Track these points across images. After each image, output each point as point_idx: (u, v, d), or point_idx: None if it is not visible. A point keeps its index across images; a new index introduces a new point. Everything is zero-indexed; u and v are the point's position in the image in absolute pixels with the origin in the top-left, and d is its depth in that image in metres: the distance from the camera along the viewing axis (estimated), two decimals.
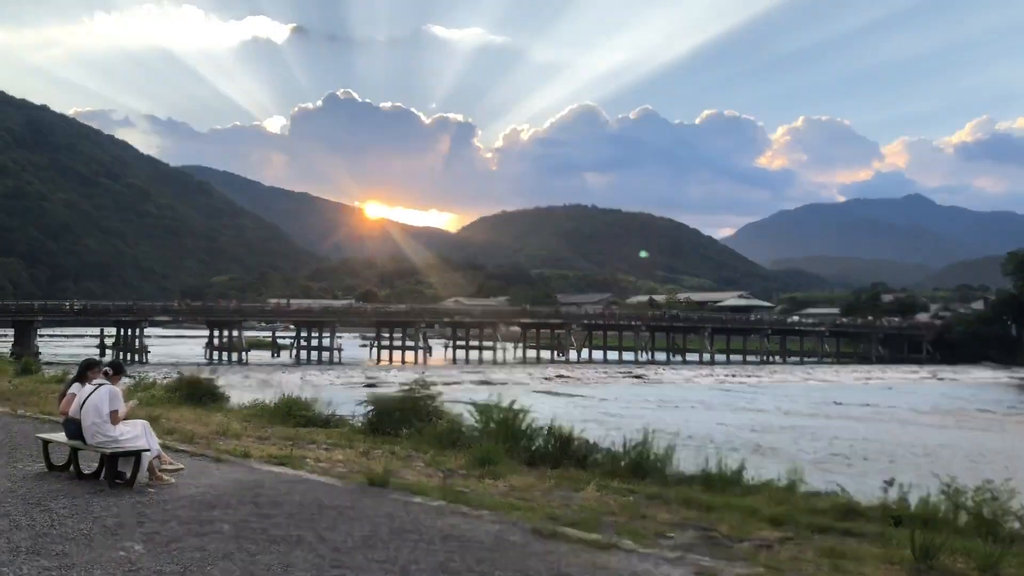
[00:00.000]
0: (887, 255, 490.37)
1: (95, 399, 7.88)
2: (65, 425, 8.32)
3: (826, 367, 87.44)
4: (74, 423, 8.01)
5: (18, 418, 12.69)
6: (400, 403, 16.00)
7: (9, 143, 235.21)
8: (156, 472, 7.73)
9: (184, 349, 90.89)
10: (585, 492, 10.19)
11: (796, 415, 47.45)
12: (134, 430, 7.96)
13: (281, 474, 8.74)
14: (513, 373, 69.33)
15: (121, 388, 8.28)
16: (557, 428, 13.54)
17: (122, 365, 8.30)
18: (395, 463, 11.08)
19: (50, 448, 8.48)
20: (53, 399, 16.40)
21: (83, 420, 7.89)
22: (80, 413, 7.92)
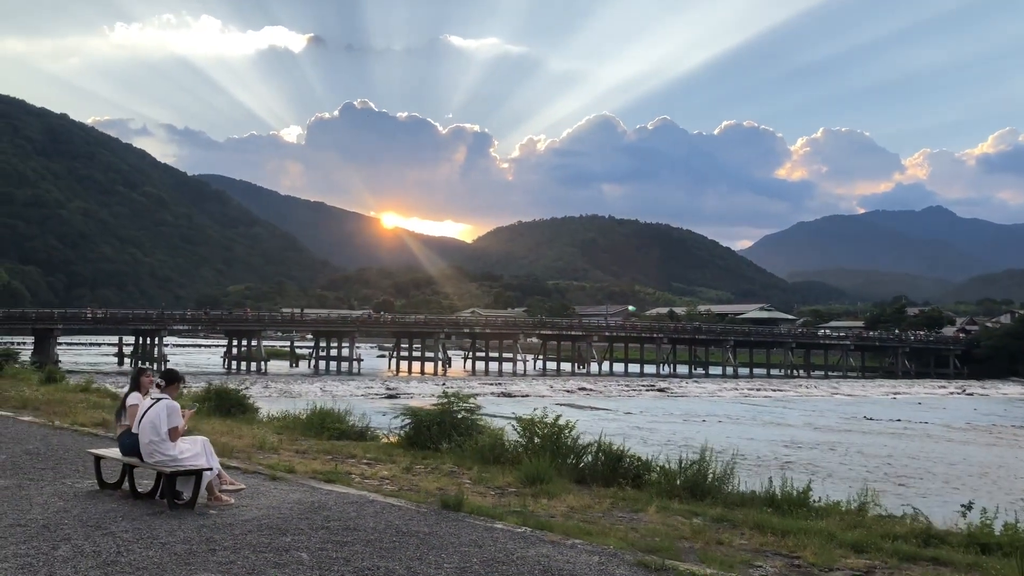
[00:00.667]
0: (907, 268, 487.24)
1: (151, 416, 7.16)
2: (120, 440, 7.58)
3: (852, 381, 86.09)
4: (130, 438, 7.30)
5: (56, 430, 12.03)
6: (438, 417, 15.28)
7: (28, 152, 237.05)
8: (215, 492, 7.00)
9: (201, 359, 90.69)
10: (647, 514, 9.49)
11: (827, 430, 46.33)
12: (194, 447, 7.24)
13: (344, 494, 8.00)
14: (533, 385, 68.49)
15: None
16: (606, 444, 12.79)
17: (177, 373, 7.58)
18: (442, 480, 10.38)
19: (101, 463, 7.75)
20: (83, 409, 15.83)
21: (140, 437, 7.19)
22: (139, 428, 7.22)
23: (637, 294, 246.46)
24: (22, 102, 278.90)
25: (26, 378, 25.93)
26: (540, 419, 13.57)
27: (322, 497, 7.80)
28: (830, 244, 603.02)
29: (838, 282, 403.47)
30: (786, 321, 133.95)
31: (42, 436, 11.28)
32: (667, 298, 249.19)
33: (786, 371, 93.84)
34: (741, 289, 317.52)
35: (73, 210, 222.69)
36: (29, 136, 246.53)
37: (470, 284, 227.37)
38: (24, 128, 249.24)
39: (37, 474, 8.35)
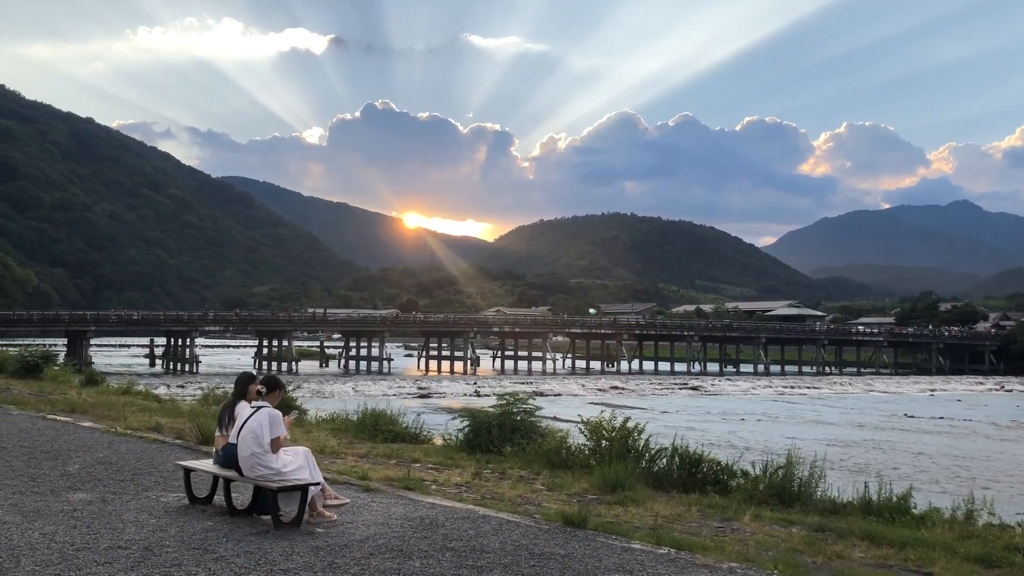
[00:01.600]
0: (933, 263, 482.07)
1: (253, 425, 6.58)
2: (216, 452, 7.07)
3: (886, 378, 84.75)
4: (230, 450, 6.74)
5: (118, 436, 11.56)
6: (498, 419, 14.71)
7: (56, 156, 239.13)
8: (318, 507, 6.42)
9: (231, 359, 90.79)
10: (741, 523, 8.88)
11: (870, 428, 45.46)
12: (296, 459, 6.66)
13: (451, 508, 7.42)
14: (565, 384, 67.88)
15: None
16: (683, 448, 12.17)
17: (278, 380, 6.99)
18: (518, 487, 9.83)
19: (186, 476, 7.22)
20: (134, 413, 15.40)
21: (240, 449, 6.62)
22: (238, 439, 6.67)
23: (661, 292, 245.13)
24: (49, 107, 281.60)
25: (66, 380, 25.62)
26: (608, 421, 13.00)
27: (427, 511, 7.22)
28: (854, 240, 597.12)
29: (863, 278, 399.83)
30: (815, 318, 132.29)
31: (108, 443, 10.80)
32: (691, 296, 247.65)
33: (818, 368, 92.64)
34: (765, 286, 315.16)
35: (100, 213, 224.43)
36: (56, 140, 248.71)
37: (492, 283, 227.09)
38: (51, 132, 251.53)
39: (116, 486, 7.85)
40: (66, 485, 7.84)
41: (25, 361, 27.69)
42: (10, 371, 26.76)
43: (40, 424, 12.76)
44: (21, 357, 28.74)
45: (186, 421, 14.55)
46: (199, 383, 57.64)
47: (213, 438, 12.46)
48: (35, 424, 12.71)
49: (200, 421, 13.27)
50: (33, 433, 11.57)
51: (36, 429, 12.11)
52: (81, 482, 7.98)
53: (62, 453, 9.80)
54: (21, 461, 9.14)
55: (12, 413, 14.22)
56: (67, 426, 12.64)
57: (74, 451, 9.97)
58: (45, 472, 8.49)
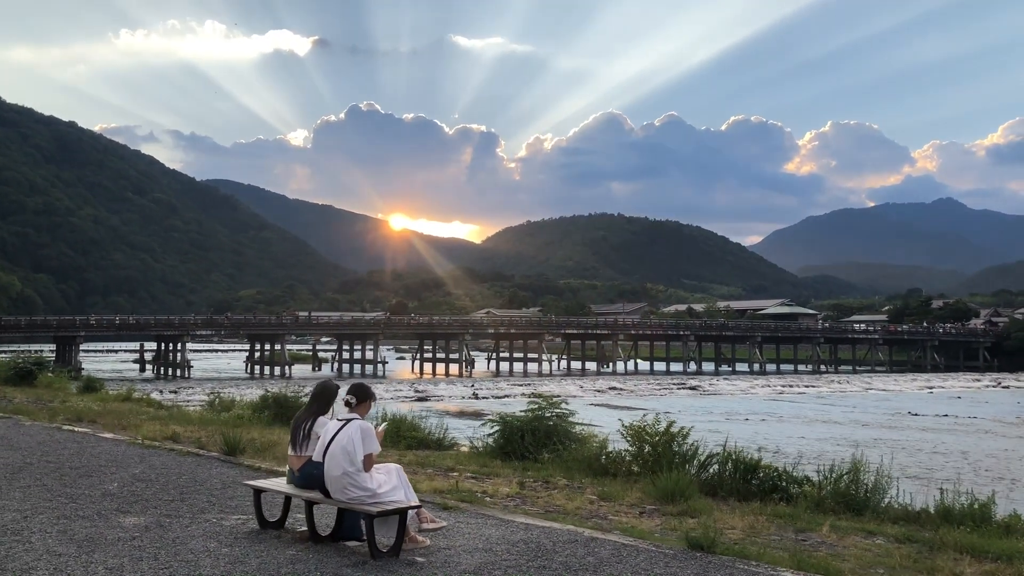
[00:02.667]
0: (918, 261, 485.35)
1: (342, 441, 5.75)
2: (299, 471, 6.22)
3: (883, 376, 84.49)
4: (310, 469, 5.92)
5: (146, 448, 10.73)
6: (531, 423, 13.98)
7: (38, 160, 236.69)
8: (410, 532, 5.62)
9: (222, 363, 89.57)
10: (819, 534, 8.19)
11: (875, 427, 44.94)
12: (390, 479, 5.86)
13: (548, 529, 6.64)
14: (563, 385, 67.13)
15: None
16: (737, 453, 11.44)
17: (369, 388, 6.16)
18: (576, 499, 9.14)
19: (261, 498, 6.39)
20: (146, 421, 14.56)
21: (328, 468, 5.80)
22: (324, 458, 5.85)
23: (649, 291, 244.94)
24: (31, 110, 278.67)
25: (62, 387, 24.75)
26: (651, 425, 12.32)
27: (524, 533, 6.45)
28: (840, 238, 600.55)
29: (849, 276, 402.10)
30: (807, 316, 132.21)
31: (138, 457, 9.97)
32: (679, 295, 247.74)
33: (814, 367, 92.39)
34: (752, 285, 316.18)
35: (84, 217, 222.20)
36: (38, 144, 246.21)
37: (481, 285, 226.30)
38: (33, 136, 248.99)
39: (168, 508, 7.04)
40: (112, 507, 7.02)
41: (18, 368, 26.80)
42: (2, 378, 25.82)
43: (58, 436, 11.90)
44: (14, 363, 27.80)
45: (197, 429, 13.76)
46: (192, 388, 56.67)
47: (239, 449, 11.71)
48: (52, 436, 11.86)
49: (225, 431, 12.50)
50: (54, 446, 10.72)
51: (55, 442, 11.26)
52: (127, 503, 7.17)
53: (94, 469, 8.97)
54: (53, 479, 8.31)
55: (25, 424, 13.33)
56: (87, 437, 11.79)
57: (105, 466, 9.14)
58: (83, 491, 7.67)
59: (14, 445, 10.82)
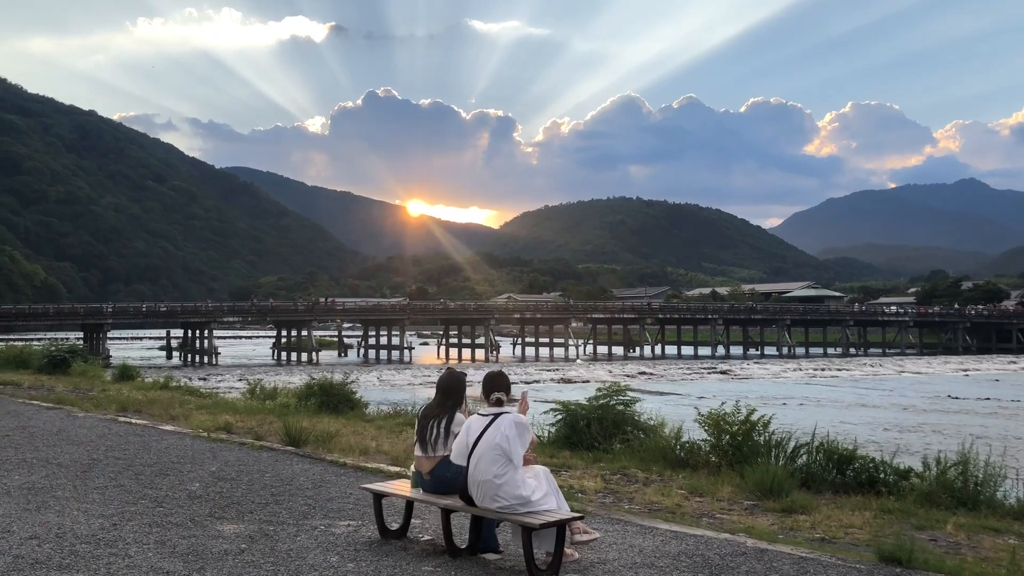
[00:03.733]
0: (940, 242, 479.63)
1: (496, 437, 5.01)
2: (417, 475, 5.57)
3: (915, 359, 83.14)
4: (445, 471, 5.34)
5: (213, 442, 10.09)
6: (597, 412, 13.26)
7: (60, 149, 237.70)
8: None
9: (247, 350, 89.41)
10: (945, 532, 7.41)
11: (918, 411, 43.87)
12: (539, 483, 5.09)
13: (702, 537, 5.93)
14: (591, 370, 66.37)
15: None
16: (830, 443, 10.65)
17: (507, 378, 5.43)
18: (672, 494, 8.44)
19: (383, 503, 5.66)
20: (193, 411, 13.94)
21: (476, 472, 5.06)
22: (468, 460, 5.13)
23: (669, 275, 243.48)
24: (51, 100, 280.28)
25: (96, 375, 24.27)
26: (731, 414, 11.60)
27: (681, 544, 5.69)
28: (861, 220, 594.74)
29: (870, 258, 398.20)
30: (833, 299, 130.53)
31: (209, 452, 9.32)
32: (700, 279, 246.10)
33: (843, 349, 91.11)
34: (772, 267, 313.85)
35: (105, 206, 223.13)
36: (59, 134, 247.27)
37: (500, 270, 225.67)
38: (54, 126, 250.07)
39: (264, 512, 6.37)
40: (204, 512, 6.35)
41: (52, 356, 26.35)
42: (36, 366, 25.44)
43: (116, 429, 11.30)
44: (47, 352, 27.37)
45: (246, 418, 13.13)
46: (221, 375, 56.34)
47: (302, 439, 11.06)
48: (111, 429, 11.25)
49: (284, 420, 11.89)
50: (117, 440, 10.11)
51: (116, 435, 10.65)
52: (219, 507, 6.51)
53: (168, 466, 8.33)
54: (128, 478, 7.67)
55: (78, 416, 12.75)
56: (148, 430, 11.18)
57: (178, 463, 8.51)
58: (165, 493, 7.02)
59: (75, 439, 10.21)
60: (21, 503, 6.61)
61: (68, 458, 8.77)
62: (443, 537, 5.23)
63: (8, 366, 26.15)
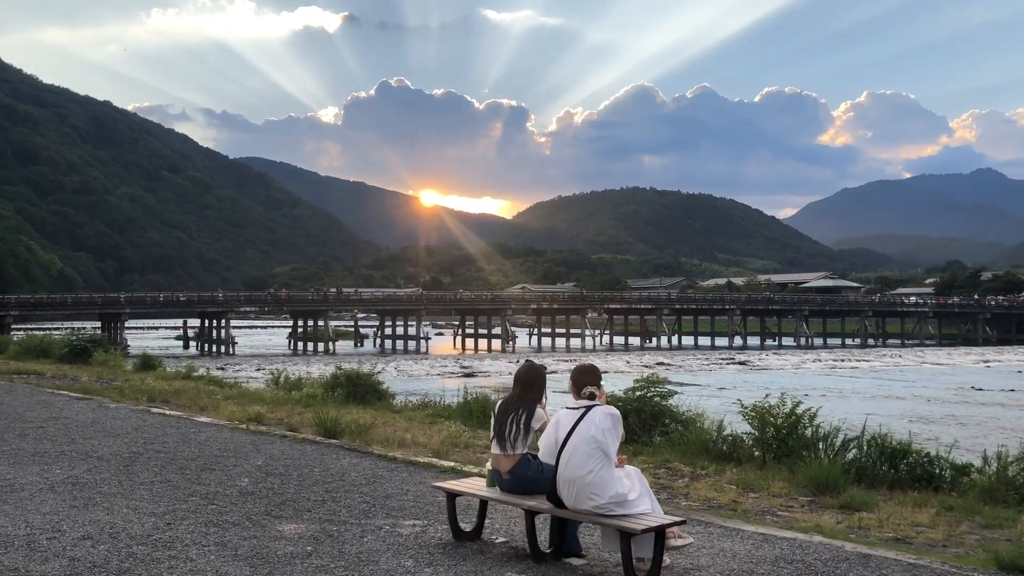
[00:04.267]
0: (956, 233, 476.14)
1: (591, 431, 4.64)
2: (493, 473, 5.22)
3: (935, 349, 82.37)
4: (524, 470, 5.01)
5: (253, 434, 9.78)
6: (635, 404, 12.92)
7: (75, 140, 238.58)
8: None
9: (263, 340, 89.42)
10: (1019, 530, 7.05)
11: (944, 403, 43.31)
12: (632, 482, 4.74)
13: (795, 541, 5.54)
14: (609, 361, 65.95)
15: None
16: (880, 436, 10.28)
17: (598, 371, 5.09)
18: (727, 490, 8.16)
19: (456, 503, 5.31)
20: (221, 401, 13.68)
21: (567, 468, 4.67)
22: (558, 457, 4.73)
23: (683, 266, 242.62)
24: (67, 90, 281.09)
25: (117, 365, 24.09)
26: (776, 406, 11.27)
27: (775, 548, 5.29)
28: (876, 210, 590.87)
29: (885, 249, 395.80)
30: (850, 289, 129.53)
31: (251, 444, 9.03)
32: (713, 269, 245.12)
33: (862, 340, 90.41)
34: (787, 258, 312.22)
35: (120, 196, 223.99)
36: (75, 124, 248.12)
37: (513, 260, 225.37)
38: (70, 117, 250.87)
39: (323, 510, 6.04)
40: (259, 510, 6.03)
41: (73, 345, 26.23)
42: (57, 356, 25.30)
43: (151, 420, 11.03)
44: (68, 341, 27.24)
45: (274, 408, 12.86)
46: (239, 365, 56.26)
47: (338, 431, 10.76)
48: (145, 420, 10.99)
49: (319, 411, 11.63)
50: (154, 432, 9.83)
51: (152, 427, 10.37)
52: (274, 505, 6.20)
53: (212, 460, 8.04)
54: (173, 473, 7.37)
55: (110, 407, 12.49)
56: (183, 422, 10.90)
57: (222, 456, 8.22)
58: (215, 489, 6.71)
59: (110, 431, 9.95)
60: (67, 499, 6.32)
61: (108, 451, 8.50)
62: (526, 540, 4.89)
63: (29, 355, 26.05)
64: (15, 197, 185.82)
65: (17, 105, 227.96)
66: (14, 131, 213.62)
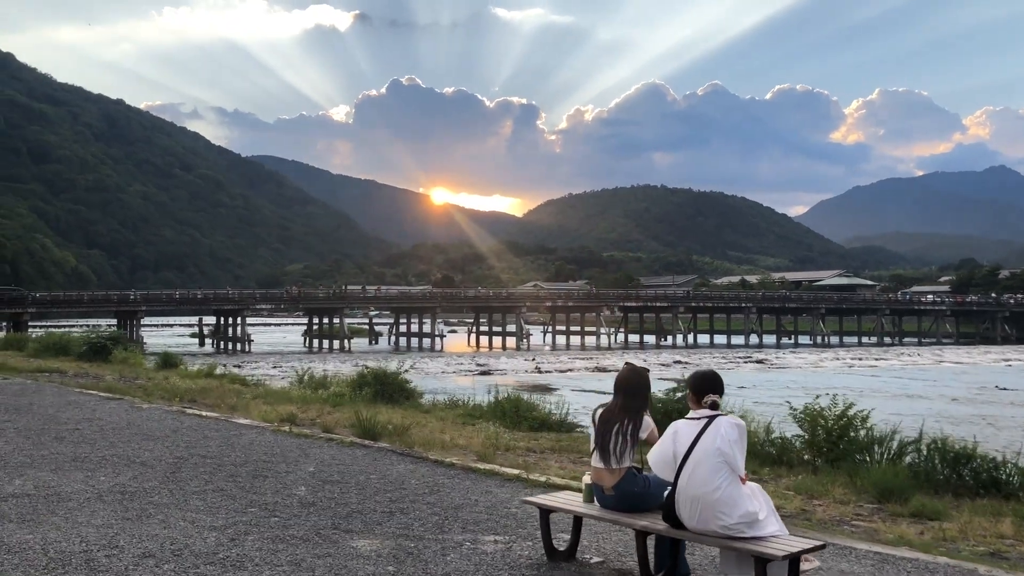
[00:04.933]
0: (969, 231, 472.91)
1: (717, 442, 4.20)
2: (594, 488, 4.78)
3: (954, 348, 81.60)
4: (631, 486, 4.60)
5: (298, 437, 9.36)
6: (677, 405, 12.55)
7: (88, 138, 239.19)
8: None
9: (277, 337, 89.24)
10: None
11: (970, 403, 42.71)
12: (760, 503, 4.30)
13: (915, 560, 5.15)
14: (625, 359, 65.49)
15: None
16: (942, 440, 9.85)
17: (720, 379, 4.65)
18: (794, 498, 7.71)
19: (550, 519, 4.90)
20: (250, 401, 13.30)
21: (690, 485, 4.23)
22: (679, 473, 4.29)
23: (695, 263, 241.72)
24: (80, 89, 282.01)
25: (137, 363, 23.82)
26: (829, 408, 10.92)
27: (899, 572, 4.93)
28: (888, 208, 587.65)
29: (897, 247, 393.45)
30: (865, 287, 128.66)
31: (297, 449, 8.64)
32: (725, 267, 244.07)
33: (879, 338, 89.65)
34: (798, 256, 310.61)
35: (133, 194, 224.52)
36: (88, 123, 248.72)
37: (525, 258, 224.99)
38: (83, 115, 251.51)
39: (394, 523, 5.62)
40: (327, 523, 5.63)
41: (92, 343, 25.94)
42: (76, 353, 25.02)
43: (188, 422, 10.67)
44: (87, 339, 26.98)
45: (301, 408, 12.47)
46: (256, 362, 56.02)
47: (376, 432, 10.37)
48: (182, 422, 10.62)
49: (355, 410, 11.29)
50: (194, 436, 9.45)
51: (190, 429, 10.00)
52: (341, 517, 5.79)
53: (261, 466, 7.65)
54: (224, 480, 6.99)
55: (143, 408, 12.13)
56: (222, 424, 10.53)
57: (270, 462, 7.82)
58: (273, 499, 6.31)
59: (148, 433, 9.59)
60: (119, 511, 5.94)
61: (150, 456, 8.13)
62: (637, 563, 4.45)
63: (48, 352, 25.82)
64: (29, 195, 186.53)
65: (31, 104, 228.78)
66: (28, 129, 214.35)
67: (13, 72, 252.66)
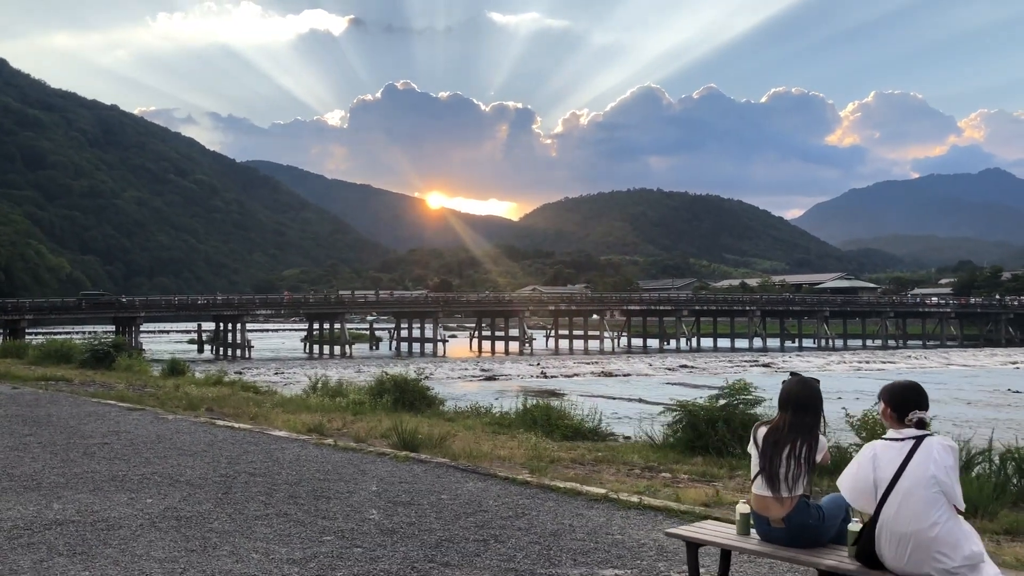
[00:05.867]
0: (965, 232, 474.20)
1: (928, 469, 3.58)
2: (761, 518, 4.09)
3: (959, 351, 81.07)
4: (804, 519, 3.93)
5: (346, 451, 8.65)
6: (721, 412, 11.97)
7: (83, 143, 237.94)
8: None
9: (276, 343, 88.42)
10: None
11: (985, 406, 42.14)
12: (980, 542, 3.64)
13: None
14: (631, 363, 64.81)
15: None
16: (1018, 450, 9.27)
17: (925, 392, 3.93)
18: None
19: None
20: (270, 410, 12.58)
21: (895, 519, 3.60)
22: (882, 504, 3.63)
23: (692, 267, 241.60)
24: (74, 95, 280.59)
25: (143, 370, 23.19)
26: (864, 416, 10.49)
27: None
28: (884, 211, 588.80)
29: (894, 249, 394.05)
30: (866, 290, 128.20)
31: (350, 464, 7.95)
32: (722, 270, 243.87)
33: (883, 341, 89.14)
34: (795, 259, 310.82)
35: (128, 199, 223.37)
36: (82, 128, 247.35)
37: (522, 262, 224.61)
38: (77, 121, 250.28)
39: (491, 556, 4.92)
40: (418, 554, 4.94)
41: (95, 350, 25.28)
42: (79, 361, 24.36)
43: (221, 435, 9.97)
44: (89, 346, 26.31)
45: (325, 416, 11.83)
46: (257, 368, 55.20)
47: (417, 443, 9.68)
48: (215, 435, 9.92)
49: (397, 422, 10.65)
50: (233, 451, 8.75)
51: (226, 443, 9.30)
52: (427, 546, 5.11)
53: (318, 485, 6.95)
54: (284, 503, 6.29)
55: (168, 419, 11.45)
56: (258, 437, 9.83)
57: (325, 480, 7.14)
58: (343, 524, 5.62)
59: (183, 448, 8.90)
60: (178, 540, 5.26)
61: (194, 474, 7.44)
62: None
63: (49, 360, 25.15)
64: (24, 201, 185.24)
65: (25, 110, 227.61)
66: (22, 135, 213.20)
67: (7, 78, 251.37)
